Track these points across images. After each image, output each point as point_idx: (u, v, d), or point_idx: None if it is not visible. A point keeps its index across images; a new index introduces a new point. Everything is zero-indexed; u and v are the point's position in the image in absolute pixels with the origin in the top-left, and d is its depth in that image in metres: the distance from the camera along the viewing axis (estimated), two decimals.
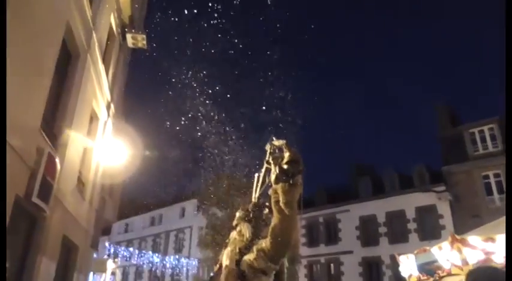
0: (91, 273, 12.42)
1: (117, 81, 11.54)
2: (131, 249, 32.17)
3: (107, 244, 28.48)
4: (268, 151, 5.84)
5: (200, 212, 30.41)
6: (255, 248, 3.97)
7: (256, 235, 5.35)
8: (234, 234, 6.21)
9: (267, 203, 5.33)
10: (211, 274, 6.89)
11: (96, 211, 10.60)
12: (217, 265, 5.94)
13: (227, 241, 6.36)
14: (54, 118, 6.72)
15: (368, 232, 23.82)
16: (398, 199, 22.80)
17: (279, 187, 3.54)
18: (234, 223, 6.25)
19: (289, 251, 4.14)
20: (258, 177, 6.45)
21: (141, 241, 38.79)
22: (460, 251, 6.39)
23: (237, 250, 4.13)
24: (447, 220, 20.61)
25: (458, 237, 6.70)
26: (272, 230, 3.67)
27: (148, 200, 41.15)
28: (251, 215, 5.72)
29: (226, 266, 3.97)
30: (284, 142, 5.31)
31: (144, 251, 32.45)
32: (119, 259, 34.57)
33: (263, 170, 6.14)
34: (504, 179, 19.50)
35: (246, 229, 5.56)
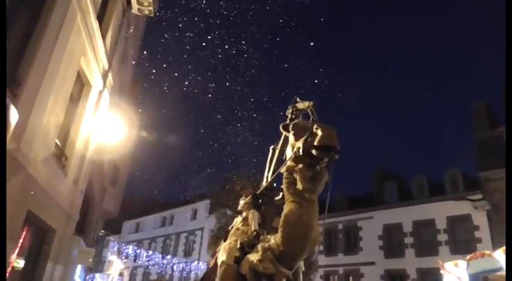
0: (78, 266, 11.00)
1: (117, 50, 10.22)
2: (138, 250, 30.85)
3: (112, 242, 27.21)
4: (289, 116, 4.21)
5: (212, 215, 29.04)
6: (260, 247, 2.42)
7: (264, 227, 3.79)
8: (237, 222, 4.51)
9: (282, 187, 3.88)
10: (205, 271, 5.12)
11: (86, 193, 9.22)
12: (213, 260, 4.30)
13: (229, 228, 4.71)
14: (20, 57, 5.36)
15: (392, 242, 21.76)
16: (427, 207, 20.73)
17: (298, 169, 2.91)
18: (239, 208, 4.62)
19: (307, 250, 3.04)
20: (274, 150, 4.78)
21: (151, 241, 37.52)
22: None
23: (238, 245, 2.95)
24: (484, 232, 18.46)
25: None
26: (285, 220, 2.19)
27: (160, 199, 40.05)
28: (260, 200, 4.18)
29: (223, 262, 2.90)
30: (311, 103, 3.59)
31: (152, 252, 31.13)
32: (128, 259, 33.41)
33: (281, 140, 4.52)
34: None
35: (253, 219, 3.75)
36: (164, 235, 36.51)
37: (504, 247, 5.33)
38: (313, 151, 2.76)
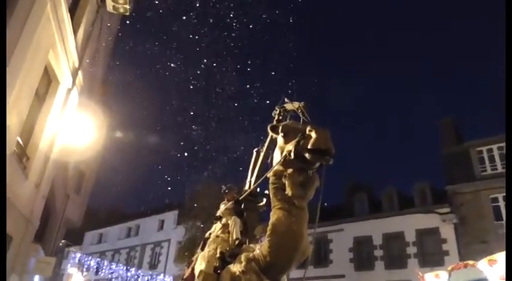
0: (36, 277, 10.16)
1: (89, 47, 9.70)
2: (101, 262, 29.43)
3: (72, 254, 25.80)
4: (276, 117, 3.94)
5: (180, 226, 28.26)
6: (243, 257, 2.04)
7: (246, 235, 3.10)
8: (216, 228, 4.11)
9: (266, 192, 3.66)
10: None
11: (47, 199, 8.54)
12: (188, 270, 3.88)
13: (207, 235, 4.34)
14: None
15: (362, 255, 21.78)
16: (397, 220, 20.92)
17: (288, 174, 2.74)
18: (218, 213, 4.28)
19: (296, 261, 2.87)
20: (258, 153, 4.49)
21: (114, 253, 35.99)
22: None
23: (218, 254, 2.57)
24: (451, 245, 18.76)
25: None
26: (272, 229, 2.00)
27: (126, 209, 38.71)
28: (243, 206, 3.83)
29: (202, 271, 2.53)
30: (301, 104, 3.07)
31: (116, 264, 29.79)
32: (90, 272, 31.80)
33: (266, 142, 4.20)
34: None
35: (234, 226, 2.91)
36: (129, 247, 35.14)
37: (489, 257, 5.24)
38: (307, 154, 2.54)
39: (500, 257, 5.02)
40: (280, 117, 4.45)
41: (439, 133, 22.08)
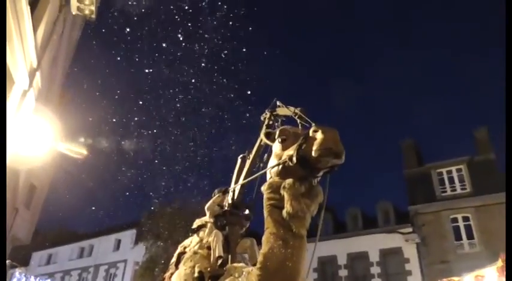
0: None
1: (49, 48, 8.99)
2: None
3: (17, 274, 23.72)
4: (266, 121, 3.49)
5: (138, 245, 26.91)
6: None
7: (228, 251, 2.56)
8: (192, 242, 3.71)
9: (249, 203, 3.48)
10: None
11: None
12: None
13: (181, 250, 3.85)
14: None
15: (327, 275, 21.53)
16: (361, 240, 20.93)
17: (288, 184, 2.34)
18: (195, 226, 3.83)
19: None
20: (243, 160, 4.02)
21: (64, 274, 33.59)
22: None
23: (197, 273, 2.55)
24: (414, 265, 18.94)
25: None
26: (263, 262, 1.95)
27: (79, 227, 36.51)
28: (224, 220, 2.68)
29: None
30: (296, 109, 2.68)
31: None
32: None
33: (254, 149, 3.80)
34: (473, 222, 18.46)
35: (216, 243, 2.34)
36: (81, 268, 32.93)
37: (476, 273, 5.07)
38: (312, 157, 2.15)
39: (488, 272, 4.84)
40: (271, 122, 4.04)
41: (402, 155, 22.59)
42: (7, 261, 16.93)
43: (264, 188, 2.55)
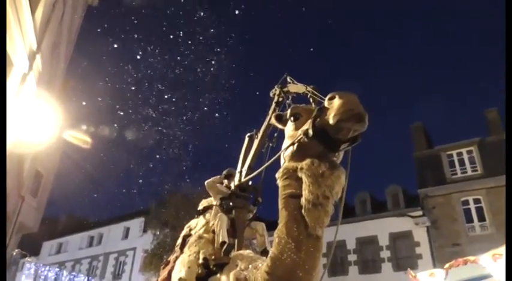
0: None
1: (49, 31, 8.75)
2: (60, 272, 27.57)
3: (28, 264, 23.94)
4: (276, 98, 3.13)
5: (146, 233, 27.04)
6: (232, 276, 2.23)
7: (234, 236, 2.54)
8: (198, 225, 3.51)
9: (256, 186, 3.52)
10: None
11: None
12: (164, 272, 3.15)
13: (186, 232, 3.69)
14: None
15: (336, 260, 21.44)
16: (370, 224, 20.75)
17: (305, 165, 2.04)
18: (200, 207, 3.66)
19: None
20: (251, 138, 3.78)
21: (75, 263, 33.97)
22: None
23: (201, 259, 2.43)
24: (424, 248, 18.73)
25: None
26: (271, 266, 1.88)
27: (88, 216, 36.79)
28: (230, 203, 2.58)
29: (181, 279, 2.58)
30: (309, 87, 2.42)
31: (76, 275, 28.02)
32: None
33: (262, 128, 3.57)
34: (484, 204, 18.17)
35: (220, 227, 2.30)
36: (91, 256, 33.29)
37: (493, 252, 4.82)
38: (332, 125, 1.87)
39: (504, 249, 4.59)
40: (281, 99, 3.62)
41: (411, 137, 22.26)
42: (16, 250, 17.02)
43: (278, 175, 2.23)
